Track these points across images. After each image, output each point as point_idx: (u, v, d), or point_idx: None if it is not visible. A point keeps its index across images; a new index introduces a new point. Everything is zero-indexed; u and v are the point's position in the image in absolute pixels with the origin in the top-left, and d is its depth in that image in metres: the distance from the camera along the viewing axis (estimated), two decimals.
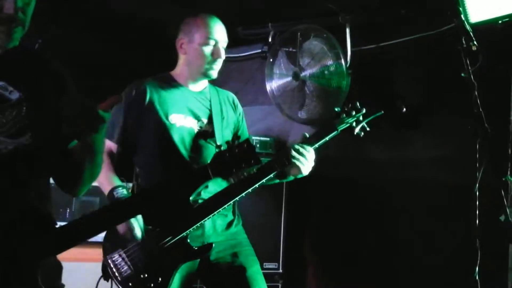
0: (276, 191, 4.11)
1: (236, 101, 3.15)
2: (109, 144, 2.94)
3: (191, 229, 2.70)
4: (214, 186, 2.83)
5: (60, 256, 2.01)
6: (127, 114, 2.91)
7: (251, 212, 3.15)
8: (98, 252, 2.86)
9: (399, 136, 4.04)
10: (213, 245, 2.77)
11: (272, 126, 4.54)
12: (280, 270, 4.04)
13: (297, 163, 2.77)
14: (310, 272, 4.41)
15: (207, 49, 2.93)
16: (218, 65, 2.97)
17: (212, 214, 2.72)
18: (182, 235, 2.69)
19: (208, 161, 2.68)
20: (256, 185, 2.74)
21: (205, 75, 2.98)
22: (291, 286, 4.09)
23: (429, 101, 3.93)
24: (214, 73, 2.99)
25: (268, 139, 4.25)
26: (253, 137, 4.17)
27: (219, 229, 2.91)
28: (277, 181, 2.92)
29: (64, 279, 2.07)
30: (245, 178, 2.77)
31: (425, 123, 3.91)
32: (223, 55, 2.96)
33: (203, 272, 2.90)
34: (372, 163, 4.18)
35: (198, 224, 2.73)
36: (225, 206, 2.72)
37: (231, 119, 3.07)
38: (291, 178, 2.90)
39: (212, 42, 2.93)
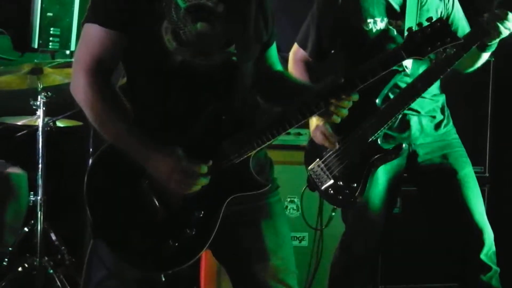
0: (481, 85, 3.82)
1: None
2: (302, 53, 2.88)
3: (379, 131, 2.63)
4: None
5: None
6: (320, 20, 2.80)
7: (453, 113, 2.94)
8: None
9: None
10: (404, 145, 2.66)
11: None
12: (487, 174, 3.84)
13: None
14: None
15: None
16: None
17: (401, 111, 2.62)
18: (371, 138, 2.64)
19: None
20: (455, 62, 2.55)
21: None
22: (498, 190, 3.87)
23: None
24: None
25: None
26: None
27: (427, 130, 2.78)
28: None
29: None
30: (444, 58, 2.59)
31: None
32: None
33: (410, 175, 2.85)
34: None
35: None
36: (411, 101, 2.61)
37: (432, 4, 2.73)
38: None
39: None
